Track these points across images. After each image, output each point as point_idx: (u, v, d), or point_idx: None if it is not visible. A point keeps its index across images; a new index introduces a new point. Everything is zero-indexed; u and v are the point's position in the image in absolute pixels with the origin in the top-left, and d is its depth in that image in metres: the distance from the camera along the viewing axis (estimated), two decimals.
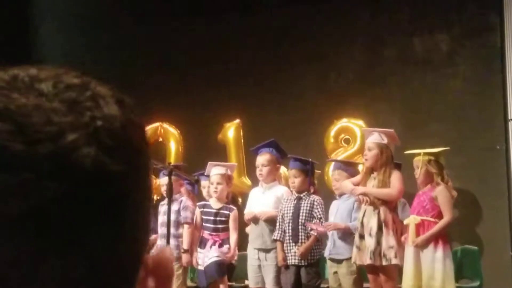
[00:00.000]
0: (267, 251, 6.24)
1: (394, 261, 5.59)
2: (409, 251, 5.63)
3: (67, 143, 0.49)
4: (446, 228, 5.70)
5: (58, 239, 0.48)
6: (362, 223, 5.75)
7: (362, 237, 5.73)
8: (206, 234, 6.37)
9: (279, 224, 6.16)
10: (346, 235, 6.00)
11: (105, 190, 0.50)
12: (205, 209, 6.43)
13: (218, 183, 6.40)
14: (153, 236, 6.65)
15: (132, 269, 0.54)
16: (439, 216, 5.69)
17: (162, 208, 6.53)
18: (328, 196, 6.65)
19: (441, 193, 5.67)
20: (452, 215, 5.70)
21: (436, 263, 5.56)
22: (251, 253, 6.32)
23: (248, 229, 6.49)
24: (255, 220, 6.28)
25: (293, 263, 6.06)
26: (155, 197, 7.19)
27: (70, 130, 0.49)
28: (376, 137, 5.89)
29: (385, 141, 5.84)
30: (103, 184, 0.50)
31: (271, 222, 6.24)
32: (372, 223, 5.69)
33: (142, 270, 0.55)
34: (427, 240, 5.61)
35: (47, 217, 0.48)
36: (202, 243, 6.36)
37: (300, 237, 6.05)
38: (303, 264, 6.03)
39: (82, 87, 0.53)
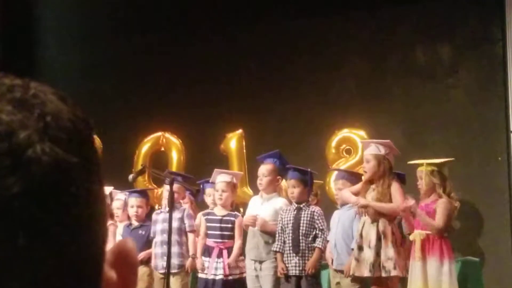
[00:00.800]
0: (262, 262, 6.25)
1: (394, 273, 5.58)
2: (416, 266, 5.62)
3: (20, 141, 0.50)
4: (434, 232, 5.63)
5: (25, 235, 0.49)
6: (361, 234, 5.76)
7: (361, 248, 5.73)
8: (211, 242, 6.38)
9: (279, 235, 6.16)
10: (346, 246, 5.99)
11: (63, 182, 0.51)
12: (210, 217, 6.44)
13: (223, 191, 6.42)
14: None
15: (98, 261, 0.55)
16: (445, 230, 5.70)
17: (160, 216, 6.58)
18: (330, 206, 6.66)
19: (440, 205, 5.67)
20: (444, 224, 5.63)
21: (443, 276, 5.56)
22: (248, 263, 6.33)
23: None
24: (254, 224, 6.26)
25: (294, 274, 6.06)
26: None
27: (21, 128, 0.50)
28: (373, 149, 5.92)
29: (382, 152, 5.85)
30: (61, 176, 0.51)
31: (267, 233, 6.25)
32: (371, 235, 5.69)
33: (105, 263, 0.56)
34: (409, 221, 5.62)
35: (12, 214, 0.49)
36: (207, 251, 6.37)
37: (300, 247, 6.05)
38: (304, 274, 6.02)
39: (25, 87, 0.54)
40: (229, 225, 6.34)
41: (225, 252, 6.25)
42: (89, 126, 0.56)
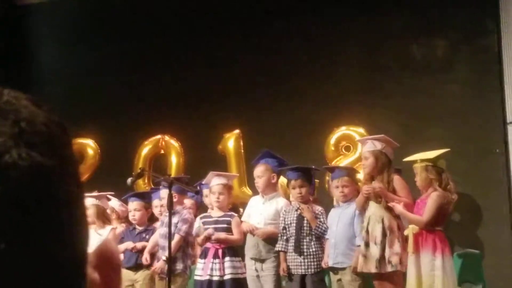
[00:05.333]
0: (262, 261, 6.25)
1: (399, 268, 5.59)
2: (410, 261, 5.62)
3: None
4: (420, 226, 5.64)
5: (5, 240, 0.50)
6: (367, 231, 5.77)
7: (367, 245, 5.73)
8: (207, 243, 6.36)
9: (281, 235, 6.17)
10: (347, 243, 5.98)
11: (41, 185, 0.52)
12: (206, 219, 6.43)
13: (220, 193, 6.40)
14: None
15: (79, 264, 0.55)
16: (438, 224, 5.69)
17: (166, 219, 6.52)
18: (329, 204, 6.66)
19: (431, 198, 5.67)
20: (429, 218, 5.59)
21: (436, 271, 5.55)
22: (249, 263, 6.31)
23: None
24: (253, 233, 6.28)
25: (297, 273, 6.06)
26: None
27: None
28: (369, 146, 5.95)
29: (379, 147, 5.87)
30: (38, 180, 0.52)
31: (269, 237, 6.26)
32: (377, 231, 5.70)
33: (87, 265, 0.57)
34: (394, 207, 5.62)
35: None
36: (203, 253, 6.35)
37: (302, 248, 6.05)
38: (308, 273, 6.03)
39: None
40: (224, 225, 6.31)
41: (221, 253, 6.23)
42: (65, 130, 0.57)
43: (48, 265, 0.52)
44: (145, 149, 8.81)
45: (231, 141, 8.47)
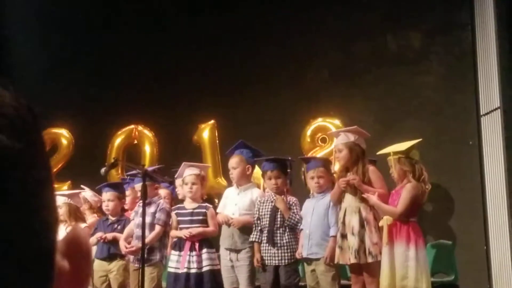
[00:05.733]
0: (237, 251, 6.24)
1: (379, 258, 5.62)
2: (384, 251, 5.65)
3: None
4: (393, 217, 5.67)
5: None
6: (343, 222, 5.78)
7: (344, 236, 5.75)
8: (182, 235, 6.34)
9: (256, 225, 6.17)
10: (322, 234, 6.00)
11: (8, 168, 0.51)
12: (180, 211, 6.40)
13: (193, 184, 6.37)
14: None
15: (49, 250, 0.54)
16: (412, 215, 5.72)
17: (140, 209, 6.47)
18: (305, 195, 6.66)
19: (405, 190, 5.70)
20: (403, 210, 5.61)
21: (409, 261, 5.58)
22: (223, 254, 6.30)
23: None
24: (228, 224, 6.27)
25: (271, 264, 6.07)
26: None
27: None
28: (342, 138, 5.96)
29: (352, 139, 5.89)
30: (5, 162, 0.50)
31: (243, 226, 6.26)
32: (353, 222, 5.71)
33: (56, 252, 0.55)
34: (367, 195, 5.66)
35: None
36: (178, 245, 6.32)
37: (276, 239, 6.05)
38: (282, 264, 6.04)
39: None
40: (200, 217, 6.29)
41: (197, 245, 6.21)
42: (33, 113, 0.56)
43: (14, 253, 0.51)
44: (118, 139, 8.75)
45: (206, 132, 8.45)
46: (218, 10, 8.55)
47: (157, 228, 6.40)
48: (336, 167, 6.35)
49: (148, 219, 6.39)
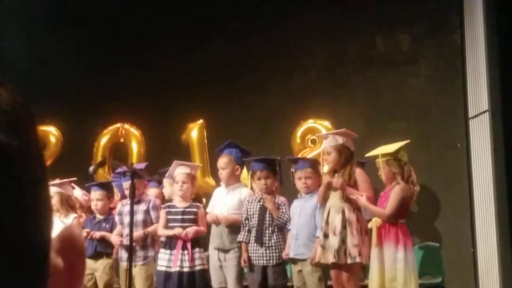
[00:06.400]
0: (226, 251, 6.24)
1: (358, 259, 5.63)
2: (374, 254, 5.67)
3: None
4: (382, 219, 5.68)
5: None
6: (327, 221, 5.79)
7: (326, 236, 5.76)
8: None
9: (244, 225, 6.17)
10: (308, 235, 6.00)
11: (4, 166, 0.51)
12: (171, 209, 6.39)
13: (183, 182, 6.36)
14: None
15: (43, 248, 0.54)
16: (400, 216, 5.73)
17: (126, 208, 6.44)
18: (294, 196, 6.67)
19: (394, 191, 5.73)
20: (392, 211, 5.64)
21: (398, 263, 5.60)
22: (212, 253, 6.30)
23: None
24: (217, 222, 6.28)
25: (259, 264, 6.07)
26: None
27: None
28: (331, 140, 5.96)
29: (340, 141, 5.90)
30: (2, 160, 0.51)
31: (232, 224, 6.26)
32: (336, 222, 5.73)
33: (51, 251, 0.55)
34: (354, 199, 5.66)
35: None
36: (169, 244, 6.31)
37: (264, 239, 6.06)
38: (270, 264, 6.04)
39: None
40: (191, 216, 6.28)
41: (189, 244, 6.21)
42: (29, 111, 0.56)
43: (9, 250, 0.50)
44: (104, 138, 8.72)
45: (194, 131, 8.44)
46: (206, 11, 8.54)
47: (155, 226, 6.44)
48: (325, 169, 6.36)
49: (139, 217, 6.40)
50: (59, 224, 6.08)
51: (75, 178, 7.09)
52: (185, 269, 6.13)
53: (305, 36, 8.24)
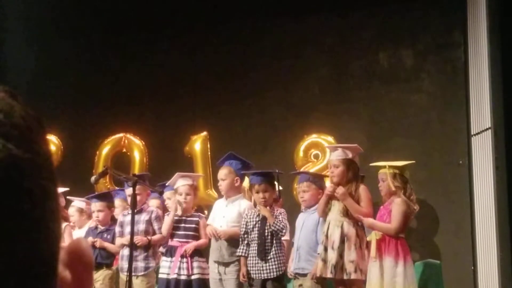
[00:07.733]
0: (225, 264, 6.23)
1: (353, 276, 5.60)
2: (373, 266, 5.65)
3: None
4: (390, 234, 5.67)
5: None
6: (326, 235, 5.78)
7: (326, 249, 5.75)
8: (175, 241, 6.34)
9: (243, 239, 6.15)
10: (309, 250, 5.98)
11: (16, 178, 0.51)
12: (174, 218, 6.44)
13: (187, 194, 6.41)
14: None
15: (51, 261, 0.54)
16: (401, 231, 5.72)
17: (127, 218, 6.42)
18: (296, 210, 6.66)
19: (396, 205, 5.71)
20: (399, 227, 5.64)
21: (397, 277, 5.59)
22: (212, 266, 6.30)
23: None
24: (216, 236, 6.27)
25: (259, 278, 6.04)
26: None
27: None
28: (340, 153, 5.92)
29: (350, 156, 5.87)
30: (13, 172, 0.51)
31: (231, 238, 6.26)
32: (335, 236, 5.70)
33: (59, 263, 0.55)
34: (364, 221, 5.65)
35: None
36: (170, 251, 6.33)
37: (265, 252, 6.03)
38: (270, 277, 6.02)
39: None
40: (193, 225, 6.33)
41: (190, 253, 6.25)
42: (41, 123, 0.57)
43: (19, 262, 0.51)
44: (106, 148, 8.72)
45: (198, 143, 8.44)
46: (211, 24, 8.56)
47: (159, 236, 6.47)
48: (328, 183, 6.33)
49: (141, 227, 6.41)
50: None
51: (68, 189, 7.07)
52: (182, 277, 6.15)
53: (309, 51, 8.26)
